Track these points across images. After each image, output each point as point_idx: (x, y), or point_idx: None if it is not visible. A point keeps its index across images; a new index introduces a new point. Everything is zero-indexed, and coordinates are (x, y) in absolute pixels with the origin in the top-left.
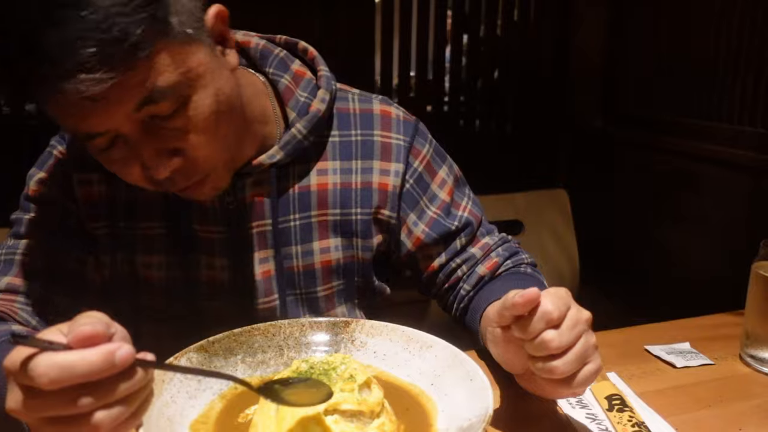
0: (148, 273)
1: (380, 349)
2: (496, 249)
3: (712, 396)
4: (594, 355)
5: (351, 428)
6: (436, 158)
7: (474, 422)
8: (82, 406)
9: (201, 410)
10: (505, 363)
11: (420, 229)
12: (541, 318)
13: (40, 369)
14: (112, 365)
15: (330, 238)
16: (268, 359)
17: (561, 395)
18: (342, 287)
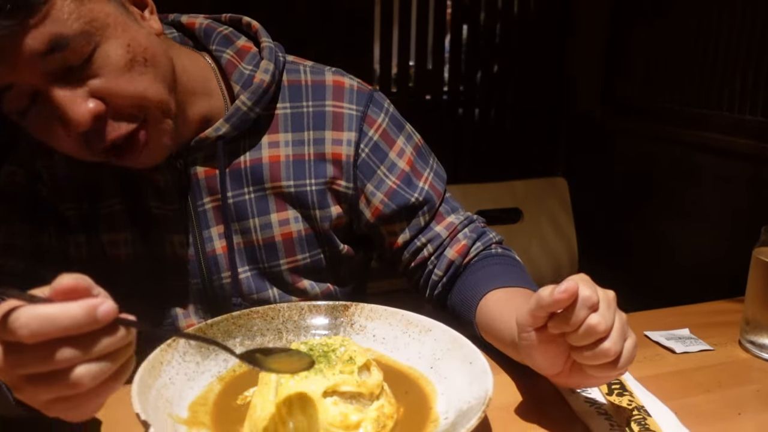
0: (114, 251)
1: (379, 332)
2: (463, 230)
3: (711, 381)
4: (629, 330)
5: (350, 410)
6: (392, 127)
7: (474, 405)
8: (63, 361)
9: (199, 392)
10: (539, 365)
11: (378, 199)
12: (583, 305)
13: (21, 320)
14: (94, 319)
15: (288, 209)
16: (267, 342)
17: (609, 378)
18: (308, 260)
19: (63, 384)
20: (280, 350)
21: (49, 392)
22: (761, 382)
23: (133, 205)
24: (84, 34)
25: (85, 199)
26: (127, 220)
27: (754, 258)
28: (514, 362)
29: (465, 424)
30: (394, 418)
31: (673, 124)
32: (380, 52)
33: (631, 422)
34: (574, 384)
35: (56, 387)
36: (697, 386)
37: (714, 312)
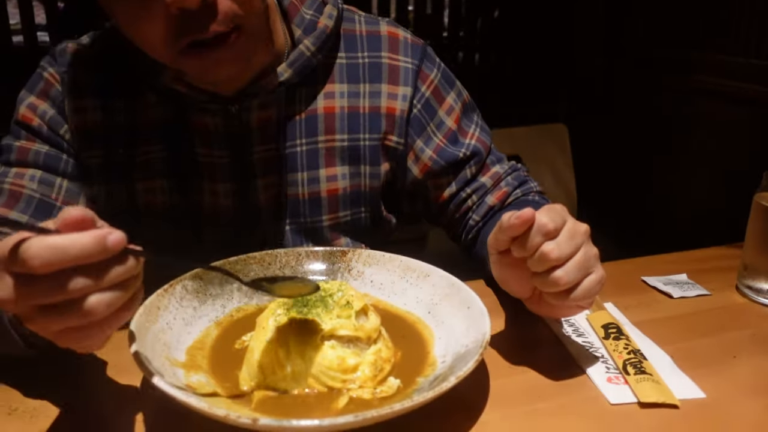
0: (149, 199)
1: (377, 278)
2: (506, 178)
3: (708, 325)
4: (596, 265)
5: (348, 353)
6: (444, 83)
7: (471, 348)
8: (75, 290)
9: (197, 336)
10: (511, 289)
11: (427, 156)
12: (537, 231)
13: (32, 251)
14: (104, 248)
15: (337, 165)
16: None
17: (569, 310)
18: (348, 218)
19: (76, 313)
20: (285, 278)
21: (62, 322)
22: (757, 326)
23: (176, 151)
24: None
25: (119, 145)
26: (166, 167)
27: (755, 203)
28: (512, 307)
29: (462, 367)
30: (392, 362)
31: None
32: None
33: (627, 365)
34: (542, 311)
35: (69, 316)
36: (693, 330)
37: (712, 258)
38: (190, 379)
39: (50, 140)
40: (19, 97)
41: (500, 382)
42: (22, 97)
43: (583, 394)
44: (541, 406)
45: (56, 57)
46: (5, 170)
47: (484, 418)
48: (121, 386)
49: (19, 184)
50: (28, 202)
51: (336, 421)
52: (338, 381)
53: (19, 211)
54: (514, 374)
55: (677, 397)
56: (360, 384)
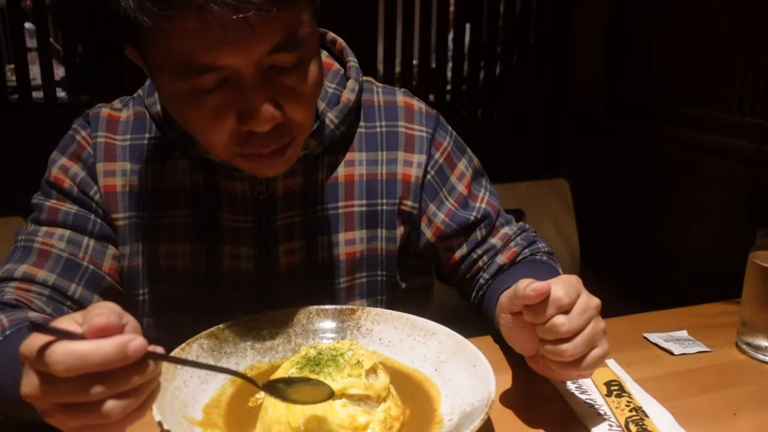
0: (171, 262)
1: (385, 336)
2: (515, 239)
3: (709, 382)
4: (602, 340)
5: (358, 411)
6: (456, 151)
7: (477, 407)
8: (94, 395)
9: (213, 394)
10: (516, 346)
11: (440, 220)
12: (552, 304)
13: (56, 356)
14: (125, 356)
15: (355, 230)
16: (277, 345)
17: (569, 377)
18: (364, 280)
19: (93, 414)
20: (300, 380)
21: (79, 420)
22: (757, 383)
23: (201, 216)
24: (307, 41)
25: (146, 209)
26: (191, 231)
27: (750, 262)
28: (517, 364)
29: (469, 425)
30: (401, 420)
31: (674, 125)
32: (384, 50)
33: (629, 423)
34: (542, 371)
35: (86, 416)
36: (694, 387)
37: (712, 314)
38: None
39: (80, 201)
40: (51, 158)
41: None
42: (54, 158)
43: None
44: None
45: (89, 120)
46: (35, 228)
47: None
48: None
49: (49, 243)
50: (56, 261)
51: None
52: None
53: (47, 270)
54: (521, 430)
55: None
56: None
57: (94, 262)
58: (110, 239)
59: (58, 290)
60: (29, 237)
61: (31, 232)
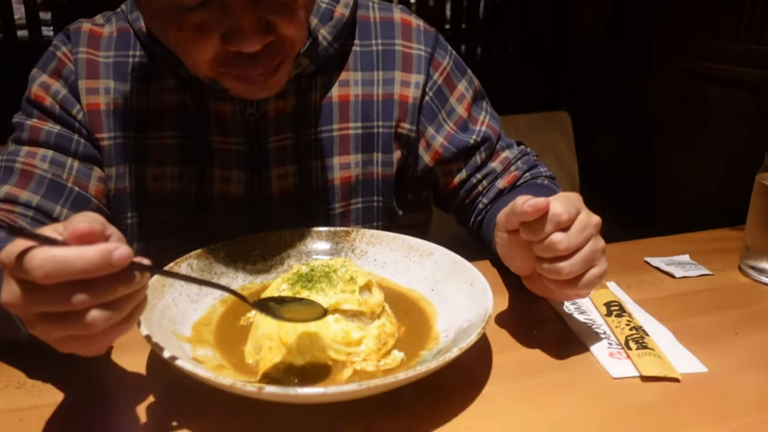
0: (159, 185)
1: (380, 257)
2: (516, 162)
3: (710, 304)
4: (600, 259)
5: (352, 327)
6: (455, 71)
7: (474, 322)
8: (77, 303)
9: (203, 313)
10: (513, 265)
11: (438, 143)
12: (550, 220)
13: (36, 262)
14: (109, 264)
15: (350, 153)
16: (269, 267)
17: (566, 296)
18: (359, 206)
19: (76, 324)
20: (293, 299)
21: (62, 330)
22: (760, 305)
23: (190, 138)
24: None
25: (131, 129)
26: (178, 153)
27: (757, 183)
28: (514, 287)
29: (465, 339)
30: (395, 337)
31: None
32: None
33: (629, 341)
34: (539, 291)
35: (69, 326)
36: (695, 308)
37: (714, 239)
38: (197, 353)
39: (62, 120)
40: (31, 75)
41: (503, 357)
42: (34, 75)
43: (585, 368)
44: (543, 380)
45: (70, 36)
46: (17, 149)
47: (486, 391)
48: (127, 360)
49: (31, 163)
50: (39, 182)
51: (341, 390)
52: (342, 354)
53: (30, 191)
54: (517, 350)
55: (679, 371)
56: (364, 357)
57: (79, 183)
58: (95, 160)
59: (43, 212)
60: (10, 157)
61: (12, 152)
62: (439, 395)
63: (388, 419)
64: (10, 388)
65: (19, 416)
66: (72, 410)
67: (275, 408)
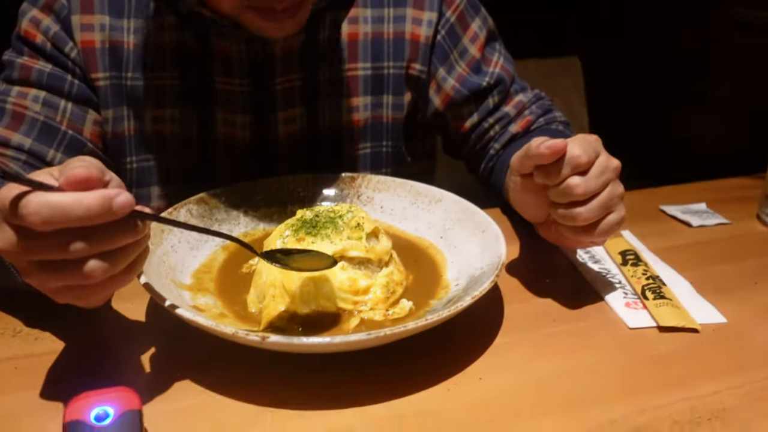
0: (158, 128)
1: (387, 204)
2: (530, 107)
3: (728, 253)
4: (619, 205)
5: (359, 275)
6: (469, 9)
7: (486, 270)
8: (75, 252)
9: (203, 260)
10: (525, 212)
11: (449, 85)
12: (568, 163)
13: (32, 207)
14: (109, 211)
15: (359, 95)
16: (272, 213)
17: (581, 244)
18: (368, 151)
19: (74, 274)
20: (301, 251)
21: (59, 280)
22: None
23: (191, 78)
24: None
25: (128, 69)
26: (179, 94)
27: None
28: (526, 235)
29: (477, 288)
30: (404, 285)
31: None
32: None
33: (645, 291)
34: (552, 239)
35: (66, 276)
36: (713, 258)
37: (732, 188)
38: (197, 301)
39: (54, 59)
40: (21, 9)
41: (515, 307)
42: (24, 9)
43: (600, 318)
44: (557, 330)
45: None
46: (7, 88)
47: (498, 341)
48: (126, 308)
49: (22, 104)
50: (31, 125)
51: (348, 339)
52: (349, 302)
53: (22, 133)
54: (529, 300)
55: (697, 322)
56: (371, 306)
57: (74, 126)
58: (90, 102)
59: (36, 155)
60: (1, 97)
61: (2, 92)
62: (449, 346)
63: (396, 370)
64: (6, 336)
65: (14, 365)
66: (69, 359)
67: (279, 358)
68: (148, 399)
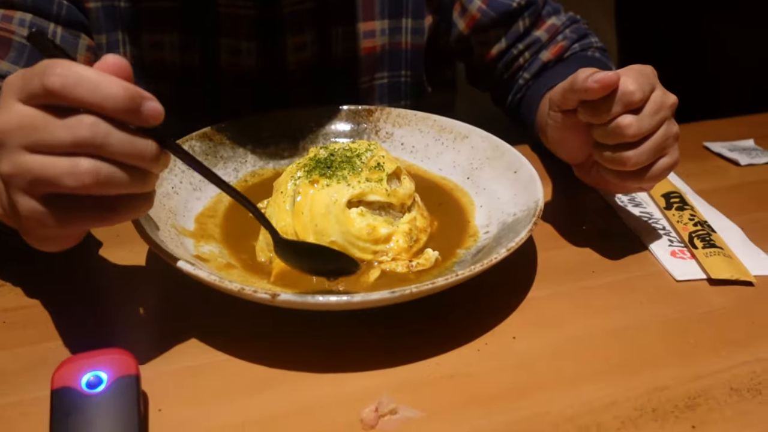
0: (156, 55)
1: (408, 140)
2: (564, 31)
3: None
4: (673, 147)
5: (379, 221)
6: None
7: (520, 217)
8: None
9: (207, 203)
10: (564, 152)
11: (475, 7)
12: (619, 99)
13: (57, 68)
14: (137, 110)
15: (376, 19)
16: (282, 150)
17: (627, 189)
18: (385, 81)
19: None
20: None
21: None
22: None
23: (192, 0)
24: None
25: None
26: (179, 18)
27: None
28: (560, 174)
29: (512, 237)
30: (428, 232)
31: None
32: None
33: (693, 238)
34: (594, 182)
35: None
36: (764, 200)
37: None
38: (201, 250)
39: None
40: None
41: (549, 255)
42: None
43: (643, 269)
44: (596, 282)
45: None
46: None
47: (532, 295)
48: (120, 256)
49: (8, 29)
50: (20, 51)
51: (368, 297)
52: (369, 252)
53: (10, 61)
54: (565, 247)
55: (752, 273)
56: (393, 256)
57: None
58: (81, 26)
59: None
60: None
61: None
62: (478, 300)
63: (422, 328)
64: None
65: (2, 318)
66: (56, 315)
67: (292, 313)
68: (146, 360)
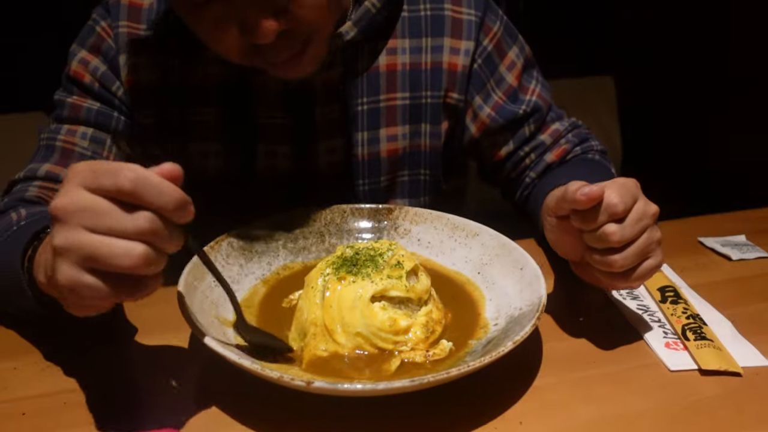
0: (203, 162)
1: (424, 237)
2: (566, 135)
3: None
4: (656, 251)
5: (399, 314)
6: (506, 37)
7: (526, 311)
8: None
9: (244, 294)
10: (561, 250)
11: (485, 113)
12: (604, 210)
13: (131, 170)
14: (183, 212)
15: (398, 125)
16: (310, 245)
17: (616, 287)
18: (406, 179)
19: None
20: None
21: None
22: None
23: (233, 113)
24: None
25: (172, 105)
26: (222, 128)
27: None
28: (562, 269)
29: (518, 330)
30: (443, 324)
31: None
32: None
33: (686, 330)
34: (588, 279)
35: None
36: (754, 294)
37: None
38: (240, 339)
39: (102, 97)
40: (70, 51)
41: (553, 346)
42: (74, 51)
43: (640, 360)
44: (597, 371)
45: (109, 9)
46: (57, 127)
47: (538, 383)
48: (165, 338)
49: (71, 141)
50: (79, 160)
51: (391, 386)
52: (390, 342)
53: None
54: (568, 339)
55: (740, 365)
56: (412, 346)
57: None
58: (139, 138)
59: None
60: (52, 135)
61: (53, 130)
62: (489, 387)
63: (436, 412)
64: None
65: (63, 399)
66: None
67: (325, 399)
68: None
